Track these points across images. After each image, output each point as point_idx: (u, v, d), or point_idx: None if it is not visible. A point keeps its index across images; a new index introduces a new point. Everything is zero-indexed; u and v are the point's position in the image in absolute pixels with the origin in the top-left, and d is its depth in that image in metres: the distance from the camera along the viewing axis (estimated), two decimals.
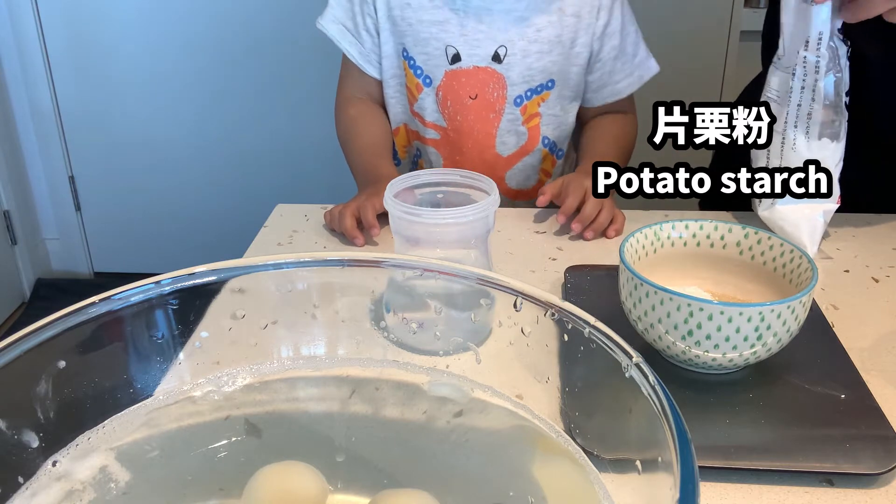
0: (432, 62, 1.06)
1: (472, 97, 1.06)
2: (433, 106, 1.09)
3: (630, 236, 0.68)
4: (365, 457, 0.45)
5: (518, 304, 0.42)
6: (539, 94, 1.08)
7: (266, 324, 0.48)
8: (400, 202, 0.66)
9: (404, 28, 1.05)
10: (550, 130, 1.12)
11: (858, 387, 0.62)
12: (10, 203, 2.40)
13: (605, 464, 0.40)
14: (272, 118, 2.36)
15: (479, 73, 1.05)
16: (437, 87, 1.07)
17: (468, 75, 1.06)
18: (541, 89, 1.08)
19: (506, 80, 1.06)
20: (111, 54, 2.31)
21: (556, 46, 1.05)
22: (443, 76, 1.06)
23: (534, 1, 1.04)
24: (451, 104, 1.08)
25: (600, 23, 1.06)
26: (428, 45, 1.05)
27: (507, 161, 1.13)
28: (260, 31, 2.26)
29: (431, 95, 1.08)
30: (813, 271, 0.62)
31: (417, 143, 1.14)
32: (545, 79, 1.07)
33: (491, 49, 1.04)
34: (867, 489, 0.54)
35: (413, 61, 1.07)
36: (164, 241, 2.53)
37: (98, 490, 0.40)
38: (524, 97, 1.08)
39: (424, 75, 1.07)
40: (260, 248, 0.92)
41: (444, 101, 1.08)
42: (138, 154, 2.42)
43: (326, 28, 1.09)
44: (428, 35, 1.05)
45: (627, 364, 0.36)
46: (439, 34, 1.04)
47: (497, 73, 1.05)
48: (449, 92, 1.07)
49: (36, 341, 0.38)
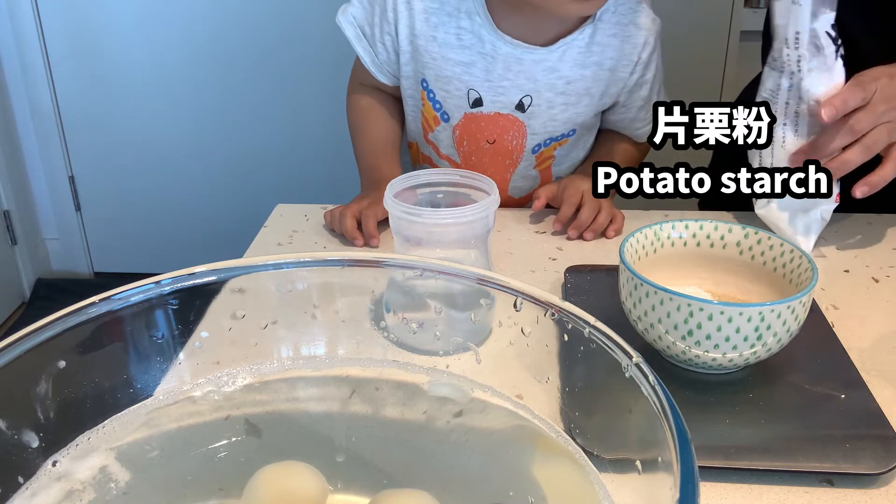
0: (452, 101, 1.01)
1: (490, 142, 1.02)
2: (448, 141, 1.05)
3: (630, 236, 0.68)
4: (365, 457, 0.45)
5: (518, 304, 0.42)
6: (558, 142, 1.05)
7: (266, 324, 0.48)
8: (400, 202, 0.66)
9: (427, 60, 1.00)
10: (562, 169, 1.09)
11: (858, 387, 0.62)
12: (10, 203, 2.40)
13: (605, 464, 0.40)
14: (272, 118, 2.36)
15: (499, 119, 1.01)
16: (454, 125, 1.03)
17: (488, 120, 1.01)
18: (561, 137, 1.04)
19: (527, 128, 1.02)
20: (111, 54, 2.31)
21: (583, 98, 1.01)
22: (461, 117, 1.02)
23: (568, 53, 0.98)
24: (467, 144, 1.04)
25: (634, 77, 1.02)
26: (450, 84, 1.00)
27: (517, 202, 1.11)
28: (260, 31, 2.26)
29: (448, 132, 1.04)
30: (813, 271, 0.62)
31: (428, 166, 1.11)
32: (567, 129, 1.03)
33: (516, 98, 0.99)
34: (867, 489, 0.54)
35: (432, 94, 1.02)
36: (164, 241, 2.53)
37: (98, 490, 0.40)
38: (542, 145, 1.04)
39: (443, 111, 1.03)
40: (260, 248, 0.92)
41: (461, 140, 1.04)
42: (138, 154, 2.42)
43: (344, 27, 1.03)
44: (451, 74, 0.99)
45: (627, 364, 0.36)
46: (463, 76, 0.99)
47: (518, 122, 1.01)
48: (466, 133, 1.03)
49: (36, 341, 0.38)
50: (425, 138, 1.08)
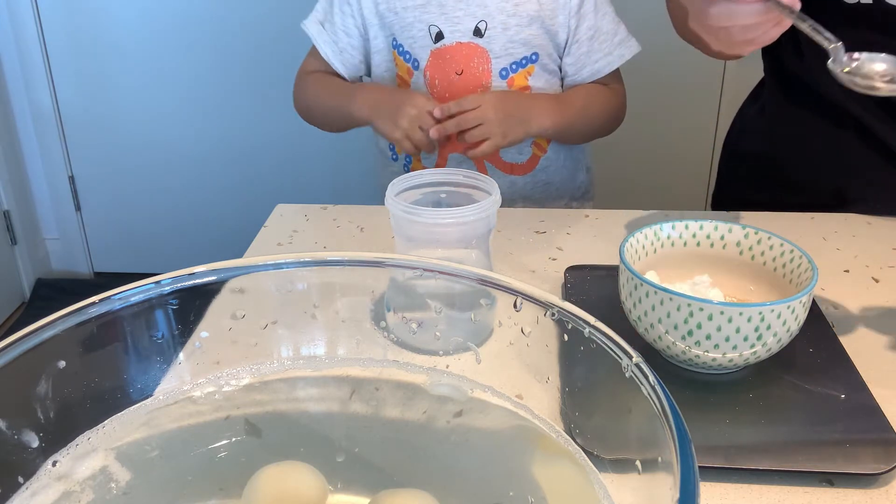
0: (418, 44, 1.10)
1: (458, 73, 1.10)
2: (423, 89, 1.11)
3: (630, 236, 0.68)
4: (365, 457, 0.45)
5: (518, 304, 0.42)
6: (524, 68, 1.11)
7: (266, 324, 0.48)
8: (401, 202, 0.66)
9: (391, 19, 1.10)
10: None
11: (858, 387, 0.62)
12: (10, 203, 2.40)
13: (605, 464, 0.40)
14: (272, 118, 2.36)
15: (462, 48, 1.09)
16: (424, 68, 1.11)
17: (452, 52, 1.09)
18: (525, 62, 1.11)
19: (489, 53, 1.09)
20: (111, 54, 2.31)
21: (535, 21, 1.09)
22: (429, 56, 1.10)
23: None
24: (438, 83, 1.11)
25: (573, 2, 1.09)
26: (412, 29, 1.09)
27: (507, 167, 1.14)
28: (260, 31, 2.26)
29: (420, 78, 1.11)
30: (813, 271, 0.62)
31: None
32: (528, 51, 1.10)
33: (471, 24, 1.08)
34: (867, 489, 0.54)
35: (402, 48, 1.11)
36: (164, 241, 2.53)
37: (98, 490, 0.40)
38: (509, 70, 1.10)
39: (413, 59, 1.11)
40: (260, 248, 0.92)
41: (432, 80, 1.11)
42: (138, 154, 2.42)
43: (307, 27, 1.15)
44: (412, 19, 1.09)
45: (627, 364, 0.36)
46: (422, 16, 1.09)
47: (480, 48, 1.09)
48: (436, 71, 1.10)
49: (36, 341, 0.38)
50: None
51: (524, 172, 1.15)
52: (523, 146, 1.14)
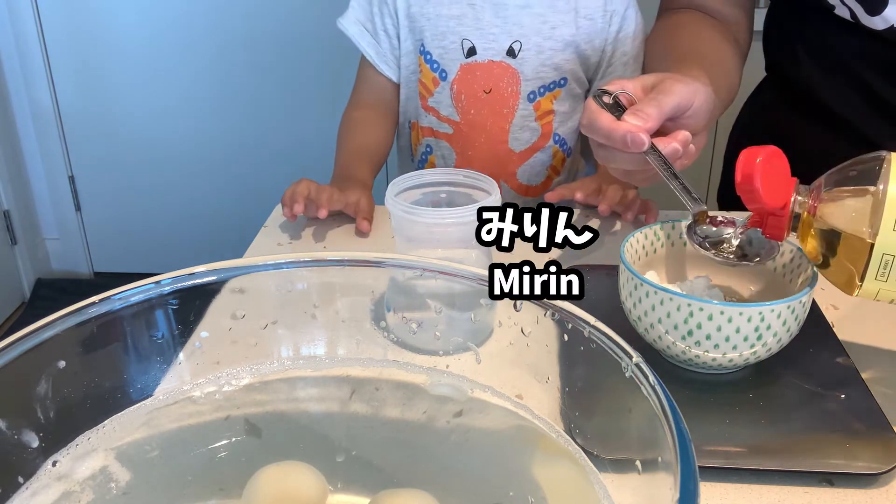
0: (448, 56, 1.08)
1: (487, 91, 1.08)
2: (448, 101, 1.10)
3: (630, 236, 0.68)
4: (365, 457, 0.45)
5: (518, 304, 0.42)
6: (552, 92, 1.10)
7: (266, 324, 0.48)
8: (400, 201, 0.66)
9: (423, 24, 1.09)
10: (561, 127, 1.13)
11: (858, 387, 0.62)
12: (10, 203, 2.40)
13: (605, 464, 0.40)
14: (272, 118, 2.36)
15: (493, 67, 1.07)
16: (451, 80, 1.09)
17: (483, 69, 1.08)
18: (553, 87, 1.10)
19: (520, 75, 1.08)
20: (111, 54, 2.31)
21: (570, 45, 1.07)
22: (458, 70, 1.08)
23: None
24: (465, 98, 1.09)
25: (612, 28, 1.08)
26: (445, 39, 1.08)
27: (520, 157, 1.13)
28: (260, 31, 2.26)
29: (446, 90, 1.10)
30: (813, 271, 0.62)
31: (429, 139, 1.15)
32: (558, 76, 1.09)
33: (506, 43, 1.06)
34: (867, 489, 0.54)
35: (429, 56, 1.09)
36: (164, 241, 2.53)
37: (98, 490, 0.40)
38: (537, 93, 1.09)
39: (441, 69, 1.09)
40: (260, 248, 0.92)
41: (459, 94, 1.09)
42: (138, 154, 2.42)
43: (346, 28, 1.12)
44: (445, 29, 1.07)
45: (627, 364, 0.36)
46: (456, 28, 1.07)
47: (511, 69, 1.07)
48: (463, 86, 1.09)
49: (36, 341, 0.38)
50: (424, 107, 1.12)
51: (538, 194, 1.15)
52: (541, 170, 1.14)
